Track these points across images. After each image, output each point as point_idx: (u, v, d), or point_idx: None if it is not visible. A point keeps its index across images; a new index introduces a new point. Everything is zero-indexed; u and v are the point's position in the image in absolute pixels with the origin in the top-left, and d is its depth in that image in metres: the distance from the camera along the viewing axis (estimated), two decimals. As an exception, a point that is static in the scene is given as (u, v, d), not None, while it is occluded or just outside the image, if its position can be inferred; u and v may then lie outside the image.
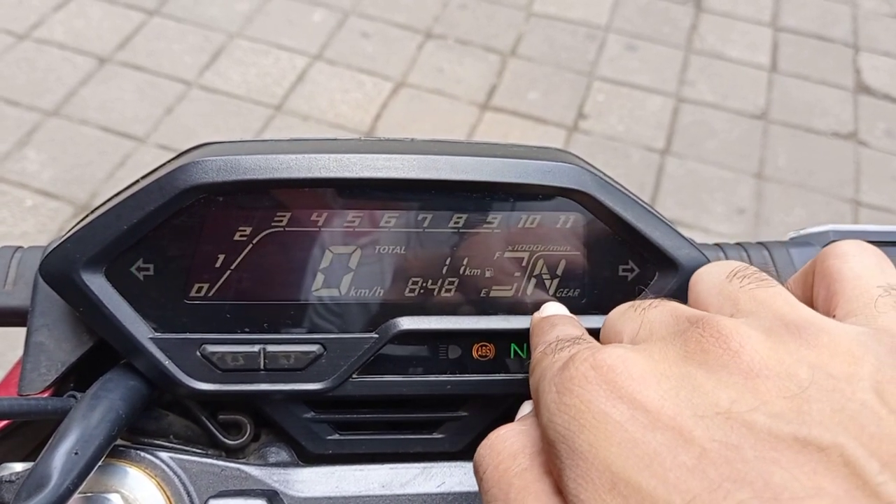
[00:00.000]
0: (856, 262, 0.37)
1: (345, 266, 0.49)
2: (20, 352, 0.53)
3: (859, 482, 0.26)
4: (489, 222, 0.49)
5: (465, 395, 0.52)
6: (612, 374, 0.31)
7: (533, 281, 0.50)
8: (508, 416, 0.44)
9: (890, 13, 3.03)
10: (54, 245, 0.48)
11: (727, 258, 0.61)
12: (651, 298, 0.39)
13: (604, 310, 0.51)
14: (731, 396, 0.29)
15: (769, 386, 0.29)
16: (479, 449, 0.36)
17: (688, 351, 0.31)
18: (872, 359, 0.30)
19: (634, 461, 0.28)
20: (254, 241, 0.47)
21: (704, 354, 0.31)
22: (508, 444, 0.35)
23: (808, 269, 0.40)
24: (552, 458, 0.31)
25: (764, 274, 0.37)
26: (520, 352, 0.52)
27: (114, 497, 0.46)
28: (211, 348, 0.49)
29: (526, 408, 0.43)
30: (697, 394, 0.29)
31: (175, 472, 0.48)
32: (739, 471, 0.26)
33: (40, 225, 2.06)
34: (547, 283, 0.50)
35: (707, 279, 0.39)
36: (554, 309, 0.49)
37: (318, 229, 0.48)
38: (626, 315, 0.39)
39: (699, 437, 0.28)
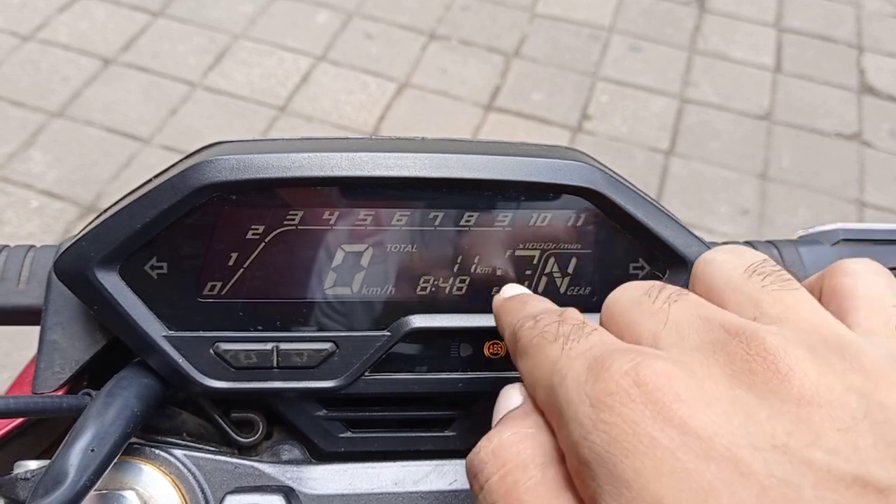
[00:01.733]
0: (869, 281, 0.36)
1: (357, 264, 0.49)
2: (28, 352, 0.53)
3: None
4: (500, 220, 0.49)
5: (477, 392, 0.52)
6: (658, 394, 0.28)
7: (544, 279, 0.50)
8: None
9: (894, 14, 3.03)
10: (68, 244, 0.48)
11: (737, 257, 0.61)
12: (666, 285, 0.36)
13: (614, 308, 0.51)
14: (787, 429, 0.27)
15: (822, 416, 0.27)
16: (477, 454, 0.34)
17: (734, 370, 0.29)
18: None
19: (688, 494, 0.26)
20: (266, 240, 0.48)
21: (753, 376, 0.29)
22: (515, 452, 0.33)
23: (815, 284, 0.38)
24: (584, 479, 0.29)
25: (784, 272, 0.35)
26: (531, 350, 0.52)
27: (129, 494, 0.46)
28: (224, 346, 0.49)
29: (511, 399, 0.38)
30: (752, 422, 0.27)
31: (189, 470, 0.49)
32: None
33: (45, 226, 2.06)
34: (558, 280, 0.51)
35: (720, 270, 0.37)
36: (515, 289, 0.45)
37: (329, 228, 0.48)
38: (642, 306, 0.35)
39: (758, 471, 0.26)
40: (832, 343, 0.30)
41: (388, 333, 0.50)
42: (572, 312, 0.37)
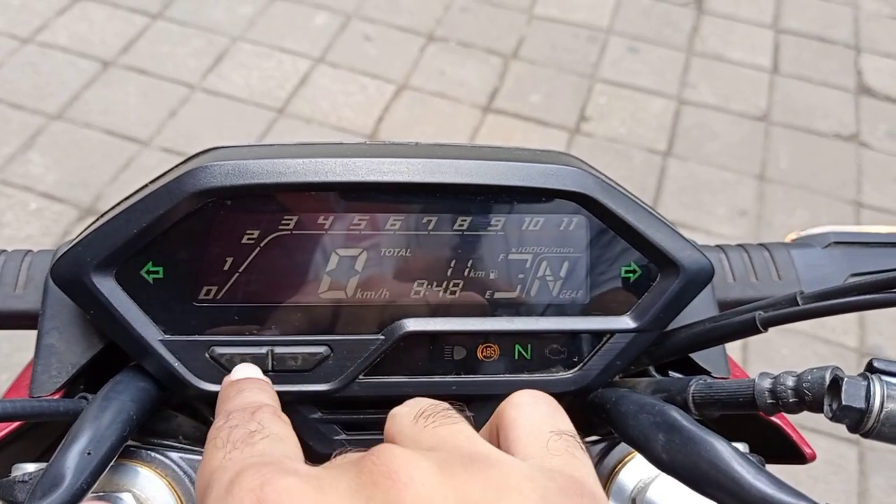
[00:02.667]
0: (530, 411, 0.39)
1: (351, 268, 0.49)
2: (28, 353, 0.53)
3: None
4: (493, 225, 0.50)
5: (470, 395, 0.52)
6: None
7: (536, 283, 0.51)
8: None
9: (891, 14, 3.04)
10: (65, 249, 0.48)
11: (728, 260, 0.61)
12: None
13: (607, 311, 0.52)
14: None
15: None
16: None
17: (360, 483, 0.31)
18: (539, 497, 0.31)
19: None
20: (261, 245, 0.48)
21: (374, 488, 0.30)
22: None
23: (494, 420, 0.41)
24: None
25: (451, 411, 0.38)
26: (524, 353, 0.52)
27: (126, 496, 0.46)
28: (219, 350, 0.49)
29: None
30: None
31: (185, 472, 0.49)
32: None
33: (44, 228, 2.07)
34: (550, 284, 0.51)
35: (398, 421, 0.39)
36: (243, 372, 0.47)
37: (324, 232, 0.49)
38: None
39: None
40: (466, 457, 0.33)
41: (383, 337, 0.50)
42: (263, 415, 0.39)
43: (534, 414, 0.39)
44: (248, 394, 0.43)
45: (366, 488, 0.31)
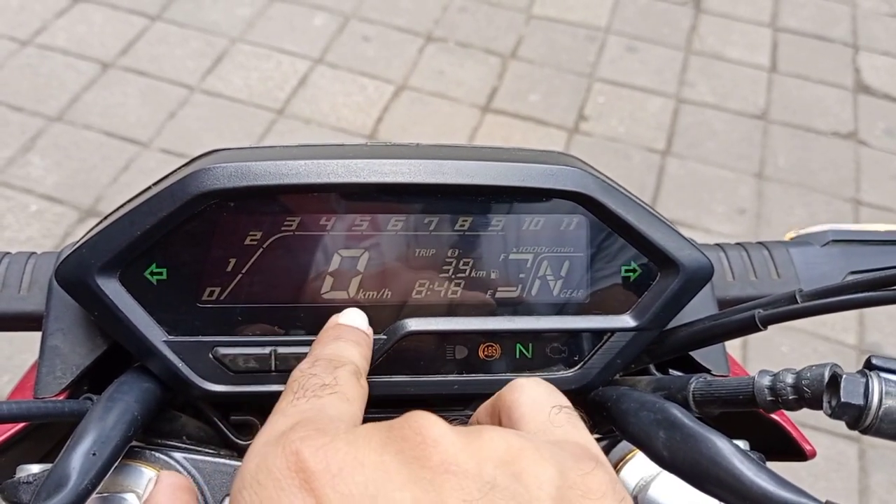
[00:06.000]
0: (529, 390, 0.41)
1: (353, 269, 0.50)
2: (30, 356, 0.54)
3: None
4: (494, 225, 0.50)
5: (472, 394, 0.52)
6: (309, 467, 0.32)
7: (537, 282, 0.51)
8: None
9: (889, 12, 3.04)
10: (69, 251, 0.49)
11: (728, 258, 0.62)
12: None
13: (607, 310, 0.52)
14: (415, 496, 0.31)
15: (453, 485, 0.31)
16: None
17: (391, 437, 0.33)
18: (555, 463, 0.33)
19: None
20: (264, 246, 0.49)
21: (404, 442, 0.33)
22: None
23: (490, 406, 0.44)
24: None
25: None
26: (525, 352, 0.53)
27: (130, 497, 0.47)
28: (223, 350, 0.50)
29: None
30: (385, 489, 0.31)
31: (189, 472, 0.49)
32: None
33: (45, 230, 2.07)
34: (551, 283, 0.51)
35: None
36: (351, 318, 0.49)
37: (326, 233, 0.49)
38: None
39: None
40: (487, 429, 0.35)
41: (385, 337, 0.51)
42: (342, 373, 0.41)
43: (534, 392, 0.41)
44: (343, 344, 0.45)
45: (396, 442, 0.33)
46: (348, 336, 0.46)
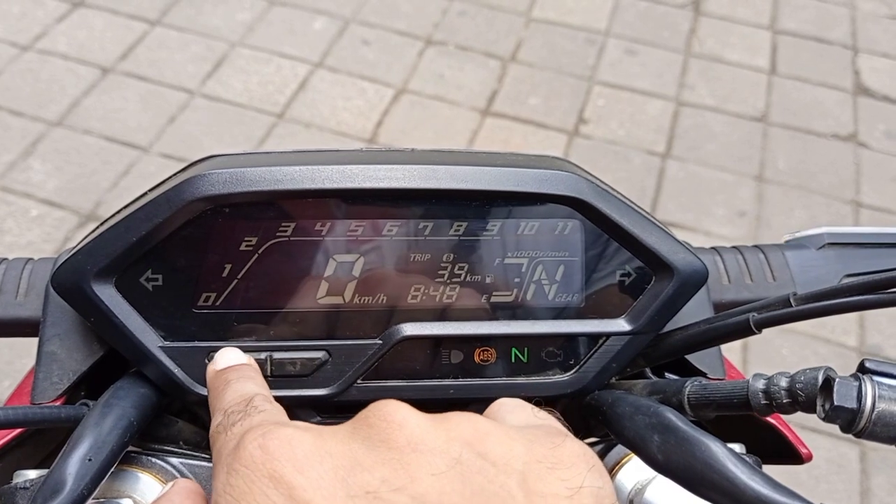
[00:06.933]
0: (511, 402, 0.42)
1: (348, 274, 0.50)
2: (29, 360, 0.54)
3: None
4: (489, 229, 0.50)
5: (468, 398, 0.53)
6: (276, 458, 0.32)
7: (532, 286, 0.51)
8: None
9: (888, 14, 3.04)
10: (65, 257, 0.49)
11: (723, 261, 0.62)
12: None
13: (603, 314, 0.52)
14: (383, 475, 0.31)
15: (420, 462, 0.32)
16: None
17: (356, 427, 0.34)
18: (524, 442, 0.34)
19: None
20: (259, 251, 0.49)
21: (370, 429, 0.33)
22: None
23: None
24: None
25: None
26: (520, 356, 0.53)
27: (126, 502, 0.47)
28: None
29: None
30: (354, 472, 0.31)
31: (185, 477, 0.49)
32: None
33: (45, 234, 2.07)
34: (546, 288, 0.52)
35: None
36: (226, 359, 0.48)
37: (321, 238, 0.49)
38: None
39: None
40: (457, 413, 0.36)
41: (380, 341, 0.51)
42: (256, 402, 0.40)
43: (516, 402, 0.42)
44: (237, 385, 0.44)
45: (362, 430, 0.34)
46: (234, 376, 0.45)
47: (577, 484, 0.33)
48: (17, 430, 0.51)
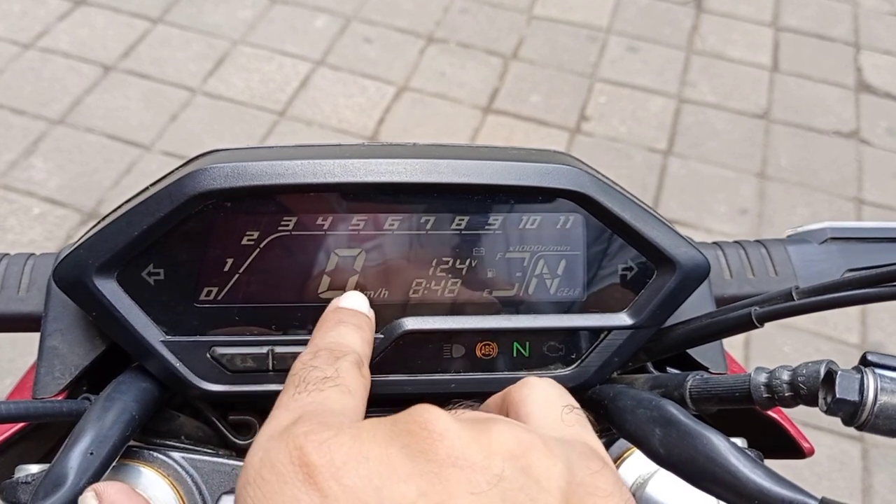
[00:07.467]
0: (541, 389, 0.41)
1: (350, 268, 0.50)
2: (31, 358, 0.54)
3: None
4: (490, 224, 0.50)
5: (470, 393, 0.53)
6: (311, 466, 0.31)
7: (534, 280, 0.51)
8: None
9: (890, 11, 3.04)
10: (67, 252, 0.49)
11: (725, 256, 0.62)
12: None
13: (604, 308, 0.52)
14: (420, 488, 0.30)
15: (460, 478, 0.31)
16: None
17: (395, 431, 0.33)
18: (564, 460, 0.33)
19: None
20: (261, 246, 0.49)
21: (409, 437, 0.32)
22: None
23: (499, 400, 0.43)
24: None
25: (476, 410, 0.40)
26: (522, 350, 0.53)
27: (128, 496, 0.47)
28: (220, 350, 0.50)
29: None
30: (390, 482, 0.31)
31: (187, 472, 0.49)
32: None
33: (47, 233, 2.08)
34: (548, 282, 0.52)
35: None
36: (351, 301, 0.48)
37: (323, 233, 0.49)
38: None
39: None
40: (492, 419, 0.35)
41: (382, 336, 0.51)
42: (344, 364, 0.41)
43: (545, 391, 0.41)
44: (344, 330, 0.45)
45: (401, 437, 0.32)
46: (349, 320, 0.46)
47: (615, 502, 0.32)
48: (20, 425, 0.51)
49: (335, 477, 0.31)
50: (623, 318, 0.52)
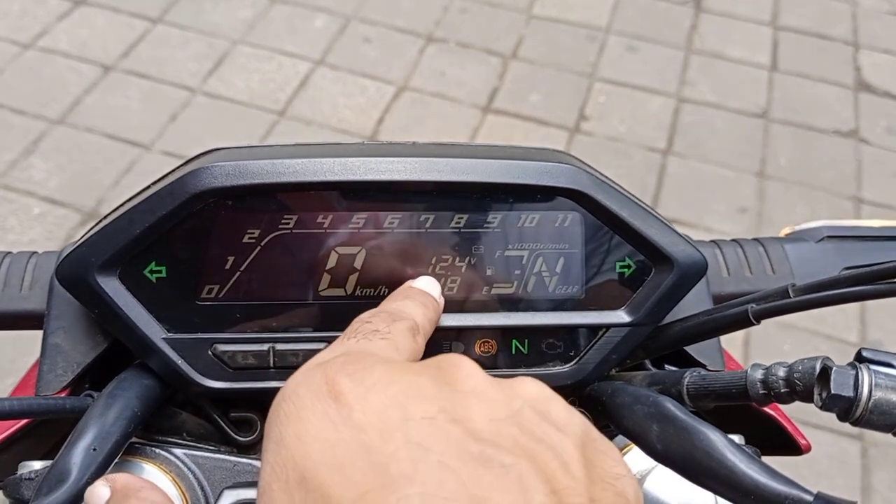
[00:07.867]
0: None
1: (350, 266, 0.50)
2: (32, 357, 0.54)
3: (526, 499, 0.29)
4: (489, 222, 0.50)
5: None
6: (342, 386, 0.33)
7: (533, 278, 0.52)
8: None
9: (889, 10, 3.04)
10: (69, 249, 0.49)
11: (723, 254, 0.62)
12: None
13: (603, 306, 0.53)
14: (443, 406, 0.32)
15: (481, 405, 0.32)
16: None
17: (425, 365, 0.35)
18: (580, 417, 0.35)
19: (329, 453, 0.30)
20: (262, 244, 0.49)
21: (438, 370, 0.34)
22: None
23: None
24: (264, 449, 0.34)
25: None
26: (521, 347, 0.53)
27: (130, 492, 0.47)
28: (222, 347, 0.50)
29: None
30: (415, 400, 0.32)
31: (189, 468, 0.50)
32: (418, 471, 0.29)
33: (47, 232, 2.08)
34: (546, 280, 0.52)
35: None
36: (424, 284, 0.50)
37: (323, 231, 0.49)
38: None
39: (398, 438, 0.30)
40: (512, 378, 0.36)
41: (382, 334, 0.51)
42: (399, 326, 0.42)
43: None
44: (409, 303, 0.46)
45: (430, 369, 0.34)
46: (417, 297, 0.47)
47: (622, 472, 0.33)
48: (23, 422, 0.51)
49: (364, 396, 0.32)
50: (621, 316, 0.53)
